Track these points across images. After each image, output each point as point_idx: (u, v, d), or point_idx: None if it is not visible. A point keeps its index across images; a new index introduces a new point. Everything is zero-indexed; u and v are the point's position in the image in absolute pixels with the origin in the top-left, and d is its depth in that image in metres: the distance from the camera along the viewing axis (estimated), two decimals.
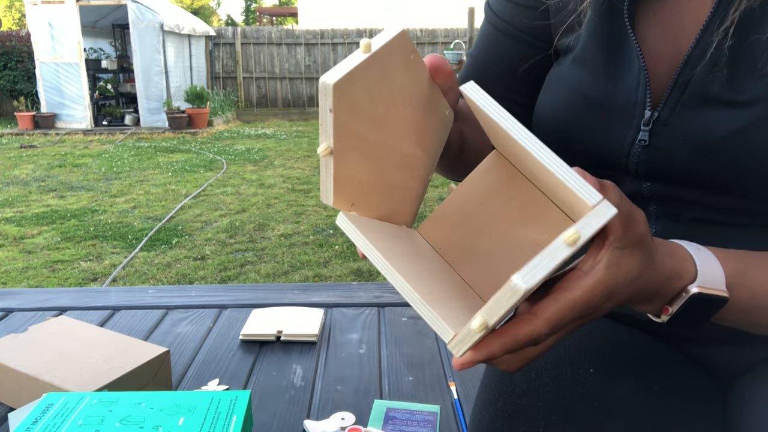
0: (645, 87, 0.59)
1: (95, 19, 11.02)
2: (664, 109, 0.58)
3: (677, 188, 0.60)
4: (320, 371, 0.81)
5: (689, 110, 0.57)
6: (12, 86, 10.99)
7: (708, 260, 0.50)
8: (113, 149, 8.23)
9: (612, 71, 0.62)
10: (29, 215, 4.93)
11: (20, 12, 25.12)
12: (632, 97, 0.60)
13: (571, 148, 0.65)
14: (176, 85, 10.29)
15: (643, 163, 0.60)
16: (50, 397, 0.56)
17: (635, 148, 0.60)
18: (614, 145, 0.61)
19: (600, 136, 0.62)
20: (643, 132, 0.59)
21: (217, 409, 0.55)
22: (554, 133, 0.67)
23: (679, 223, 0.62)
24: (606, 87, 0.62)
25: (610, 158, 0.62)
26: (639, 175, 0.61)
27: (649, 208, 0.63)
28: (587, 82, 0.63)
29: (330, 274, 3.66)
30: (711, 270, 0.50)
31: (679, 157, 0.57)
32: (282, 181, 6.19)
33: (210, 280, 3.58)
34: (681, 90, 0.57)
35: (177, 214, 4.96)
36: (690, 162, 0.57)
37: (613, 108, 0.61)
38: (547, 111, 0.67)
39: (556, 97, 0.66)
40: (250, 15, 35.88)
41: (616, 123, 0.61)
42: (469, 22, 9.24)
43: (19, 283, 3.57)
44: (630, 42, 0.60)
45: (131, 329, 0.92)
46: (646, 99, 0.59)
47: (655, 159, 0.59)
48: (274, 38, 12.31)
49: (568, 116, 0.64)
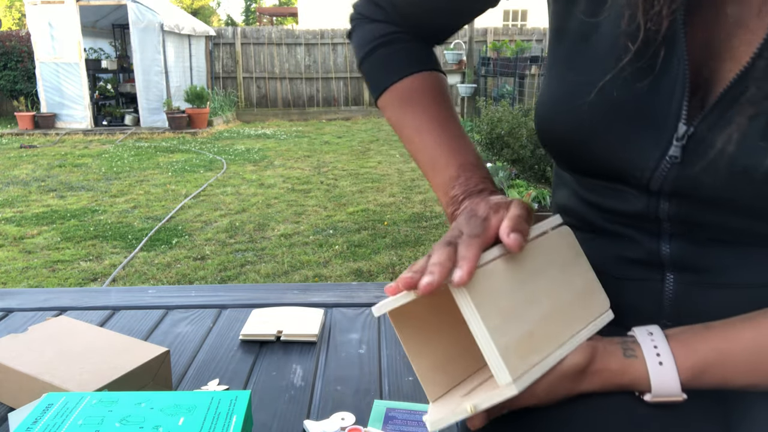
0: (682, 97, 0.53)
1: (95, 19, 11.02)
2: (702, 125, 0.52)
3: (700, 210, 0.55)
4: (320, 371, 0.81)
5: (731, 131, 0.51)
6: (12, 86, 10.99)
7: (664, 375, 0.53)
8: (113, 149, 8.23)
9: (646, 72, 0.54)
10: (29, 215, 4.93)
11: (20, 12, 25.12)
12: (665, 107, 0.53)
13: (583, 157, 0.60)
14: (176, 85, 10.29)
15: (670, 181, 0.55)
16: (50, 397, 0.56)
17: (663, 164, 0.54)
18: (637, 159, 0.55)
19: (620, 147, 0.56)
20: (675, 147, 0.53)
21: (217, 409, 0.55)
22: (564, 140, 0.61)
23: (695, 243, 0.58)
24: (636, 91, 0.54)
25: (628, 172, 0.57)
26: (660, 193, 0.56)
27: (662, 226, 0.59)
28: (613, 81, 0.55)
29: (330, 274, 3.66)
30: (666, 383, 0.53)
31: (711, 180, 0.52)
32: (282, 181, 6.19)
33: (210, 280, 3.58)
34: (727, 106, 0.51)
35: (177, 214, 4.96)
36: (723, 187, 0.52)
37: (641, 117, 0.55)
38: (560, 112, 0.60)
39: (571, 95, 0.58)
40: (250, 15, 35.88)
41: (641, 134, 0.55)
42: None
43: (19, 283, 3.57)
44: (679, 41, 0.53)
45: (131, 329, 0.92)
46: (682, 111, 0.53)
47: (684, 177, 0.54)
48: (274, 38, 12.31)
49: (586, 121, 0.57)
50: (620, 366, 0.54)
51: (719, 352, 0.53)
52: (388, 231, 4.46)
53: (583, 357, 0.54)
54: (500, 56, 8.63)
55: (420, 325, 0.56)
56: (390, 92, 0.74)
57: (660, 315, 0.61)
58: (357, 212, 4.97)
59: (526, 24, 14.83)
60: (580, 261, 0.60)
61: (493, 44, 9.15)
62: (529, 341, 0.50)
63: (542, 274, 0.55)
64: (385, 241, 4.23)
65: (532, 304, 0.52)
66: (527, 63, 8.00)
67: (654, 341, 0.55)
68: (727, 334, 0.54)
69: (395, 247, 4.09)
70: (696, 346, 0.54)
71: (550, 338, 0.52)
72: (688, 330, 0.56)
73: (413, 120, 0.72)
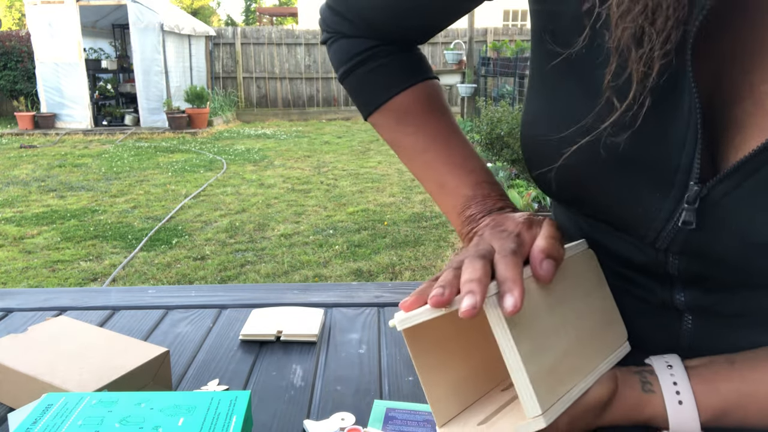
0: (694, 152, 0.45)
1: (95, 19, 11.02)
2: (718, 188, 0.45)
3: (713, 268, 0.50)
4: (320, 371, 0.80)
5: (752, 199, 0.44)
6: (12, 86, 10.99)
7: (684, 415, 0.50)
8: (113, 149, 8.23)
9: (651, 117, 0.46)
10: (29, 215, 4.93)
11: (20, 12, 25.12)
12: (673, 161, 0.46)
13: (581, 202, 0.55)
14: (176, 85, 10.29)
15: (679, 244, 0.49)
16: (50, 397, 0.56)
17: (671, 226, 0.48)
18: (642, 217, 0.50)
19: (620, 203, 0.50)
20: (688, 212, 0.46)
21: (217, 409, 0.55)
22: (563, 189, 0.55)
23: (711, 292, 0.53)
24: (638, 139, 0.47)
25: (631, 230, 0.52)
26: (668, 251, 0.51)
27: (678, 277, 0.54)
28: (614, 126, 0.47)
29: (330, 274, 3.66)
30: (685, 423, 0.50)
31: (725, 246, 0.47)
32: (282, 181, 6.19)
33: (210, 280, 3.58)
34: (748, 173, 0.43)
35: (177, 214, 4.96)
36: (736, 255, 0.47)
37: (644, 169, 0.48)
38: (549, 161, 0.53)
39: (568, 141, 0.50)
40: (250, 15, 35.88)
41: (644, 190, 0.48)
42: (469, 22, 9.24)
43: (19, 283, 3.57)
44: (687, 83, 0.44)
45: (131, 329, 0.92)
46: (693, 167, 0.45)
47: (697, 243, 0.48)
48: (274, 38, 12.31)
49: (586, 171, 0.50)
50: (638, 401, 0.52)
51: (742, 394, 0.50)
52: (388, 231, 4.46)
53: (607, 390, 0.51)
54: (500, 56, 8.63)
55: (433, 342, 0.52)
56: (383, 111, 0.68)
57: (678, 348, 0.58)
58: (357, 212, 4.97)
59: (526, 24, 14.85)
60: (602, 288, 0.57)
61: (493, 44, 9.15)
62: (556, 372, 0.47)
63: (569, 300, 0.51)
64: (385, 241, 4.23)
65: (559, 333, 0.49)
66: (527, 63, 8.00)
67: (674, 376, 0.51)
68: (751, 375, 0.51)
69: (395, 247, 4.09)
70: (718, 386, 0.51)
71: (574, 369, 0.49)
72: (710, 365, 0.52)
73: (414, 140, 0.67)
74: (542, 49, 0.53)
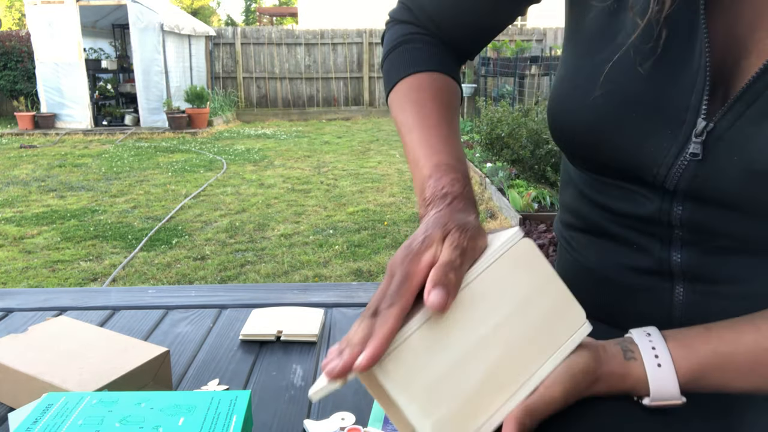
0: (703, 91, 0.50)
1: (95, 19, 11.02)
2: (723, 121, 0.50)
3: (716, 213, 0.53)
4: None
5: (753, 128, 0.49)
6: (12, 86, 10.99)
7: (663, 377, 0.51)
8: (113, 149, 8.23)
9: (664, 63, 0.51)
10: (29, 215, 4.93)
11: (20, 12, 25.12)
12: (684, 101, 0.51)
13: (597, 153, 0.58)
14: (176, 85, 10.29)
15: (687, 180, 0.52)
16: (50, 397, 0.56)
17: (680, 161, 0.52)
18: (653, 155, 0.53)
19: (635, 142, 0.54)
20: (695, 144, 0.51)
21: (217, 409, 0.55)
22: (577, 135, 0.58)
23: (707, 253, 0.56)
24: (653, 82, 0.52)
25: (643, 169, 0.54)
26: (674, 194, 0.54)
27: (674, 233, 0.56)
28: (630, 74, 0.53)
29: (330, 274, 3.66)
30: (664, 386, 0.51)
31: (728, 179, 0.50)
32: (282, 181, 6.19)
33: (210, 280, 3.58)
34: (748, 103, 0.49)
35: (177, 214, 4.96)
36: (740, 187, 0.50)
37: (658, 110, 0.52)
38: (572, 106, 0.58)
39: (583, 88, 0.56)
40: (250, 15, 35.88)
41: (658, 128, 0.52)
42: None
43: (19, 283, 3.57)
44: (699, 31, 0.50)
45: (131, 329, 0.92)
46: (702, 106, 0.50)
47: (704, 177, 0.51)
48: (274, 38, 12.31)
49: (601, 116, 0.55)
50: (622, 369, 0.53)
51: (719, 355, 0.52)
52: (388, 231, 4.46)
53: (592, 359, 0.52)
54: (500, 56, 8.64)
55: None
56: (397, 87, 0.70)
57: (670, 325, 0.59)
58: (357, 212, 4.97)
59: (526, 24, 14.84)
60: (543, 280, 0.52)
61: (493, 44, 9.15)
62: (469, 405, 0.46)
63: (491, 315, 0.48)
64: (385, 241, 4.23)
65: (474, 360, 0.47)
66: (527, 63, 8.01)
67: (651, 342, 0.53)
68: (727, 336, 0.52)
69: (395, 247, 4.09)
70: (695, 348, 0.52)
71: (502, 387, 0.48)
72: (687, 331, 0.54)
73: (408, 117, 0.68)
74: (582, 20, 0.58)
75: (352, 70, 12.45)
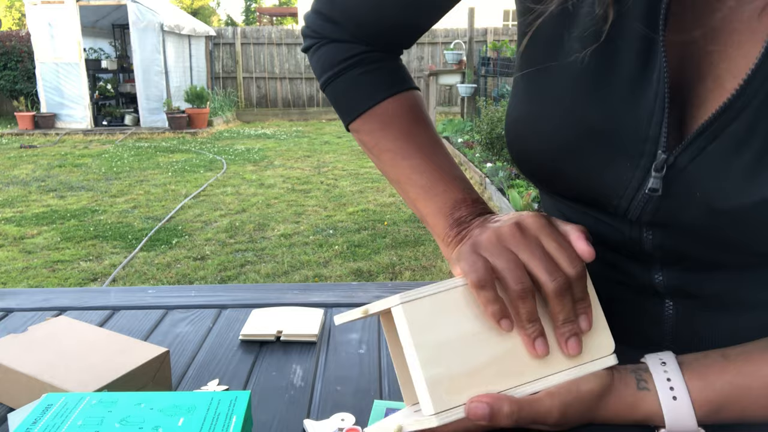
0: (661, 121, 0.48)
1: (95, 19, 11.02)
2: (683, 155, 0.48)
3: (686, 240, 0.52)
4: (320, 371, 0.80)
5: (714, 165, 0.47)
6: (12, 86, 10.99)
7: (679, 410, 0.50)
8: (113, 149, 8.23)
9: (619, 88, 0.49)
10: (29, 215, 4.93)
11: (20, 12, 25.12)
12: (642, 131, 0.49)
13: (559, 181, 0.57)
14: (176, 85, 10.29)
15: (649, 214, 0.51)
16: (50, 398, 0.56)
17: (641, 194, 0.50)
18: (613, 187, 0.52)
19: (595, 172, 0.52)
20: (655, 179, 0.49)
21: (216, 409, 0.55)
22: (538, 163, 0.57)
23: (687, 271, 0.55)
24: (610, 109, 0.50)
25: (603, 201, 0.54)
26: (640, 224, 0.53)
27: (654, 255, 0.55)
28: (588, 100, 0.51)
29: (330, 274, 3.66)
30: (680, 419, 0.50)
31: (693, 215, 0.49)
32: (282, 181, 6.19)
33: (210, 280, 3.58)
34: (709, 139, 0.47)
35: (177, 214, 4.96)
36: (704, 223, 0.49)
37: (616, 139, 0.50)
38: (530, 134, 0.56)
39: (546, 116, 0.54)
40: (250, 15, 35.89)
41: (617, 159, 0.51)
42: (469, 22, 9.23)
43: (19, 283, 3.57)
44: (657, 54, 0.47)
45: (131, 329, 0.92)
46: (661, 137, 0.48)
47: (665, 211, 0.50)
48: (274, 38, 12.31)
49: (560, 146, 0.53)
50: (633, 399, 0.52)
51: (737, 387, 0.50)
52: (388, 231, 4.46)
53: (599, 383, 0.51)
54: (500, 56, 8.63)
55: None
56: (366, 117, 0.69)
57: (662, 338, 0.59)
58: (357, 212, 4.97)
59: None
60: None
61: (493, 44, 9.15)
62: (468, 377, 0.48)
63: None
64: (385, 241, 4.23)
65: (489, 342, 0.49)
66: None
67: (667, 373, 0.51)
68: (745, 368, 0.51)
69: (395, 247, 4.09)
70: (712, 379, 0.51)
71: (505, 377, 0.49)
72: (703, 359, 0.52)
73: (399, 145, 0.68)
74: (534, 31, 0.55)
75: None
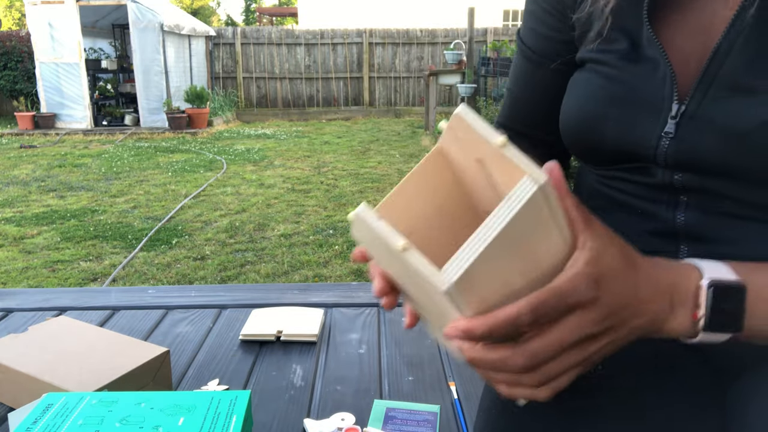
0: (671, 82, 0.61)
1: (95, 19, 11.02)
2: (691, 102, 0.60)
3: (708, 179, 0.61)
4: (320, 371, 0.80)
5: (717, 102, 0.59)
6: (12, 86, 10.99)
7: (711, 263, 0.53)
8: (113, 149, 8.23)
9: (637, 69, 0.64)
10: (29, 215, 4.93)
11: (20, 12, 25.12)
12: (659, 93, 0.62)
13: (598, 143, 0.67)
14: (176, 85, 10.29)
15: (671, 155, 0.62)
16: (50, 397, 0.56)
17: (662, 140, 0.62)
18: (641, 138, 0.63)
19: (625, 129, 0.64)
20: (670, 124, 0.61)
21: (217, 409, 0.55)
22: (579, 131, 0.69)
23: (707, 215, 0.63)
24: (631, 84, 0.64)
25: (637, 151, 0.64)
26: (669, 166, 0.63)
27: (680, 198, 0.64)
28: (612, 80, 0.65)
29: (330, 274, 3.66)
30: (716, 266, 0.53)
31: (707, 147, 0.59)
32: (282, 181, 6.19)
33: (210, 280, 3.58)
34: (708, 83, 0.59)
35: (177, 214, 4.96)
36: (720, 153, 0.58)
37: (640, 103, 0.63)
38: (573, 110, 0.70)
39: (580, 94, 0.69)
40: (250, 15, 35.87)
41: (643, 117, 0.64)
42: (469, 22, 9.23)
43: (19, 283, 3.57)
44: (653, 41, 0.63)
45: (131, 329, 0.92)
46: (673, 94, 0.61)
47: (683, 150, 0.61)
48: (274, 38, 12.30)
49: (593, 111, 0.67)
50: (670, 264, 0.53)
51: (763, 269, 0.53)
52: None
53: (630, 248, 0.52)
54: (500, 56, 8.63)
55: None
56: None
57: None
58: None
59: None
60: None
61: (493, 44, 9.15)
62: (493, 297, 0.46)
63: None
64: None
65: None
66: None
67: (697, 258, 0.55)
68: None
69: None
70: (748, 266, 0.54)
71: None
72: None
73: None
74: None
75: (352, 70, 12.45)
